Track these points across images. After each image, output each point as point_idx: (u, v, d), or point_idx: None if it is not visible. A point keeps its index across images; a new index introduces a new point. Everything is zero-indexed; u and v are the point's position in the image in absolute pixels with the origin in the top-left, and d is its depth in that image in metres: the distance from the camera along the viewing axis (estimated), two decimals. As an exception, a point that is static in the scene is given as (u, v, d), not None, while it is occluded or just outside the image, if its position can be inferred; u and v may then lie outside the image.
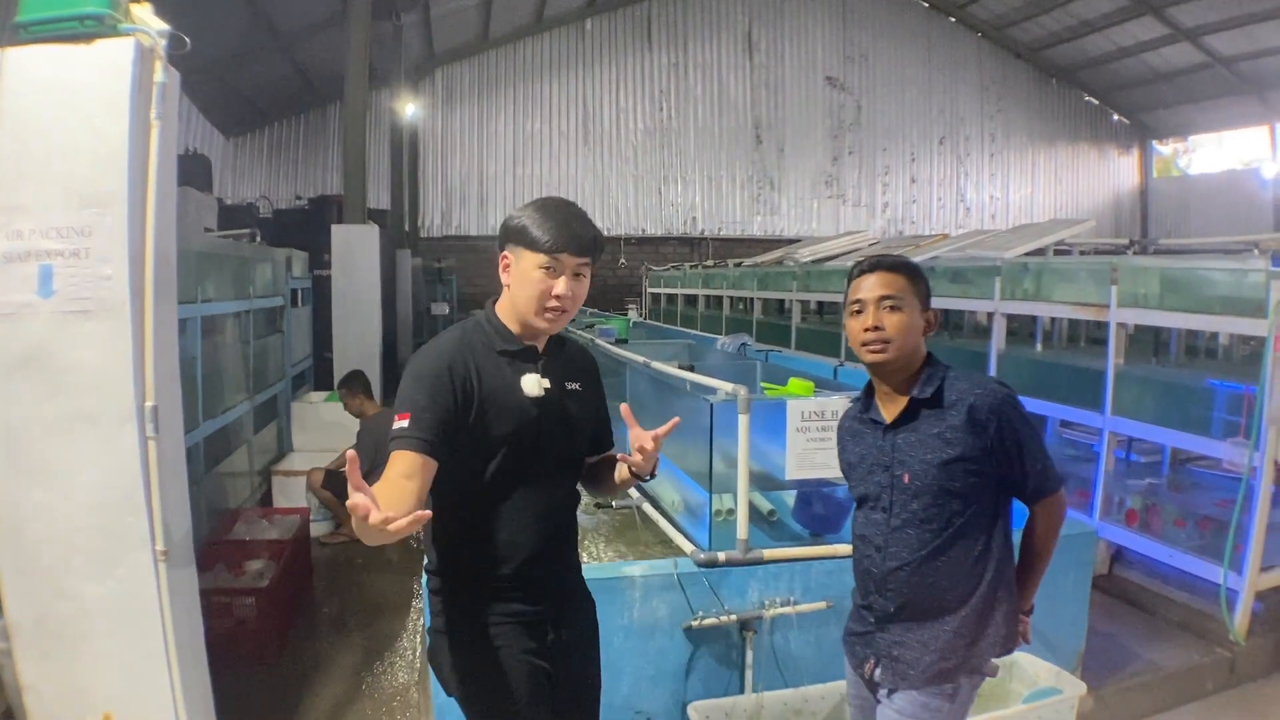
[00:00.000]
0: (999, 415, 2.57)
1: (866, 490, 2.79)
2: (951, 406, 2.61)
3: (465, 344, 2.52)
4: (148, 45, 2.98)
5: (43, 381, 2.95)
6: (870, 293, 2.68)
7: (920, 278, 2.73)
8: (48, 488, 2.99)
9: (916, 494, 2.63)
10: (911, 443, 2.66)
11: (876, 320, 2.65)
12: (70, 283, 2.93)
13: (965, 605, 2.63)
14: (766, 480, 4.31)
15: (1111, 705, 4.66)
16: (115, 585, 3.02)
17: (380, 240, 10.51)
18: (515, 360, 2.54)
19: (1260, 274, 5.00)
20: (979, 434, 2.57)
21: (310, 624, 5.94)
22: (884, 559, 2.71)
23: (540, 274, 2.45)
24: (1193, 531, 5.74)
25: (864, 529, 2.81)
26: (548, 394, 2.53)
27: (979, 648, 2.65)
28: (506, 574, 2.53)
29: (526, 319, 2.51)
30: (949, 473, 2.59)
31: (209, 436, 6.37)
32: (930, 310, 2.75)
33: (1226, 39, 20.33)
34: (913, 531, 2.66)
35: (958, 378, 2.67)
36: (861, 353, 2.72)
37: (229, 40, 14.21)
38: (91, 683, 3.06)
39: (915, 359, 2.70)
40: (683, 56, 23.70)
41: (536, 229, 2.44)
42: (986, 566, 2.65)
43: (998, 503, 2.68)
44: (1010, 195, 25.95)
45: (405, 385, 2.44)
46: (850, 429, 2.93)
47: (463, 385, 2.42)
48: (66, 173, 2.91)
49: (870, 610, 2.79)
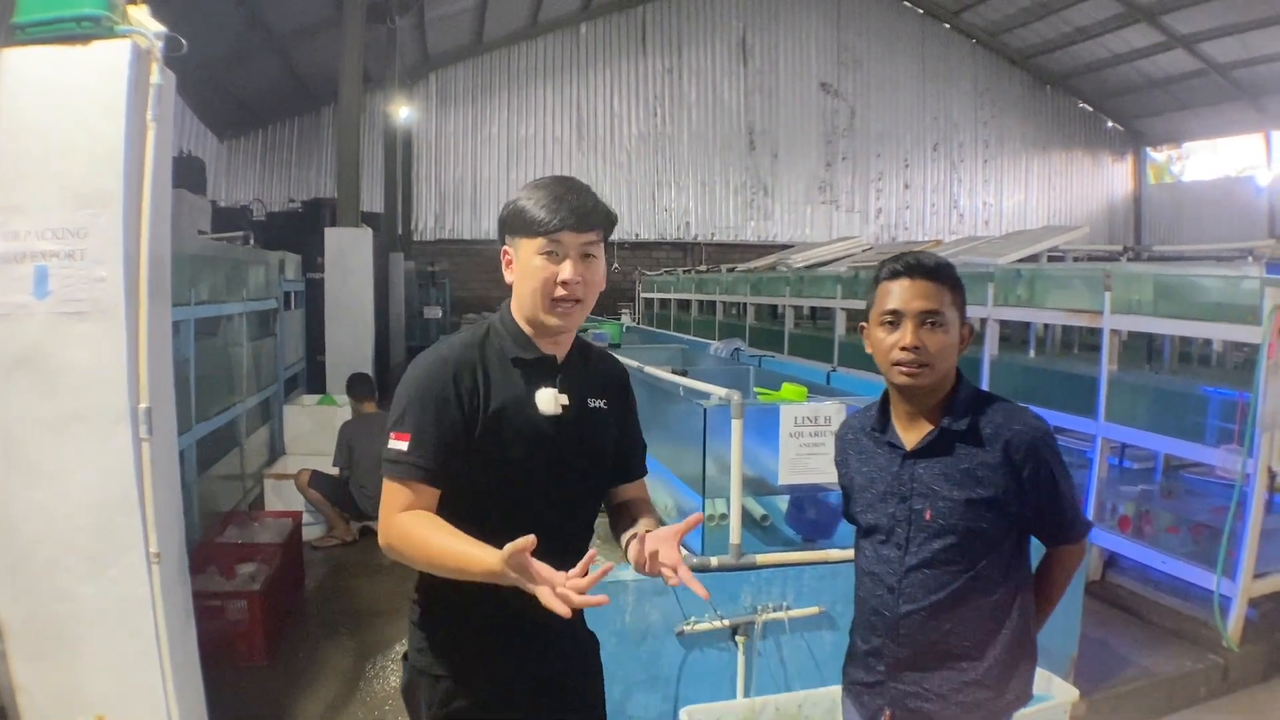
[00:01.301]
0: (1035, 456, 2.30)
1: (876, 520, 2.46)
2: (987, 441, 2.32)
3: (475, 350, 2.20)
4: (144, 47, 2.98)
5: (37, 382, 2.95)
6: (910, 304, 2.33)
7: (960, 286, 2.42)
8: (41, 488, 2.98)
9: (938, 533, 2.34)
10: (935, 475, 2.35)
11: (916, 340, 2.31)
12: (65, 284, 2.92)
13: (985, 654, 2.36)
14: (759, 485, 4.31)
15: (1104, 712, 4.66)
16: (108, 586, 3.02)
17: (373, 243, 10.52)
18: (531, 372, 2.21)
19: (1254, 281, 5.02)
20: (1012, 474, 2.30)
21: (302, 627, 5.93)
22: (897, 601, 2.40)
23: (541, 260, 2.13)
24: (1185, 538, 5.75)
25: (874, 565, 2.48)
26: (566, 412, 2.20)
27: (1004, 700, 2.41)
28: (503, 618, 2.19)
29: (535, 317, 2.18)
30: (976, 513, 2.31)
31: (202, 439, 6.36)
32: (966, 324, 2.43)
33: (1222, 46, 20.45)
34: (930, 572, 2.35)
35: (992, 406, 2.37)
36: (891, 372, 2.37)
37: (224, 43, 14.21)
38: (84, 684, 3.05)
39: (948, 381, 2.40)
40: (677, 62, 23.79)
41: (531, 211, 2.13)
42: (1010, 612, 2.38)
43: (1020, 545, 2.43)
44: (1004, 202, 26.08)
45: (405, 397, 2.15)
46: (858, 444, 2.57)
47: (469, 399, 2.13)
48: (63, 173, 2.91)
49: (879, 657, 2.46)
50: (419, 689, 2.29)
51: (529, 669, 2.27)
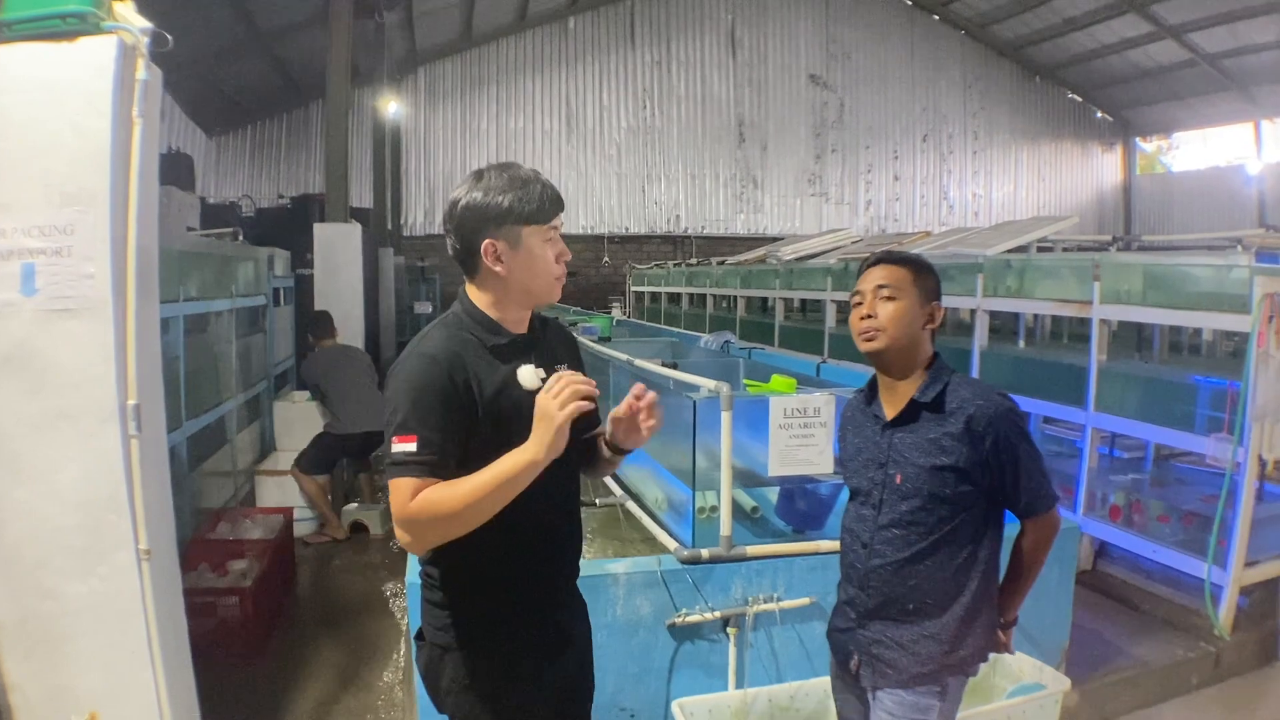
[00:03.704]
0: (996, 429, 2.54)
1: (859, 484, 2.78)
2: (951, 414, 2.58)
3: (456, 345, 2.29)
4: (130, 43, 2.96)
5: (25, 380, 2.94)
6: (869, 283, 2.68)
7: (927, 272, 2.71)
8: (29, 486, 2.97)
9: (906, 495, 2.62)
10: (908, 444, 2.64)
11: (870, 309, 2.65)
12: (53, 281, 2.91)
13: (945, 612, 2.62)
14: (749, 477, 4.32)
15: (1096, 701, 4.69)
16: (98, 584, 3.01)
17: (362, 239, 10.49)
18: (507, 353, 2.34)
19: (1243, 270, 5.04)
20: (974, 445, 2.55)
21: (294, 623, 5.94)
22: (869, 555, 2.70)
23: (545, 246, 2.32)
24: (1176, 527, 5.77)
25: (853, 523, 2.81)
26: (545, 383, 2.24)
27: (956, 655, 2.63)
28: (518, 578, 2.39)
29: (542, 294, 2.36)
30: (940, 479, 2.57)
31: (192, 436, 6.36)
32: (935, 304, 2.71)
33: (1211, 36, 20.46)
34: (899, 531, 2.64)
35: (961, 384, 2.64)
36: (858, 341, 2.71)
37: (212, 39, 14.17)
38: (76, 682, 3.05)
39: (915, 353, 2.68)
40: (666, 54, 23.74)
41: (524, 203, 2.27)
42: (970, 575, 2.63)
43: (989, 514, 2.67)
44: (993, 193, 26.09)
45: (404, 400, 2.19)
46: (853, 419, 2.92)
47: (466, 393, 2.23)
48: (49, 170, 2.90)
49: (852, 606, 2.78)
50: (443, 665, 2.41)
51: (544, 630, 2.46)
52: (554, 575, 2.51)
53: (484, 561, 2.33)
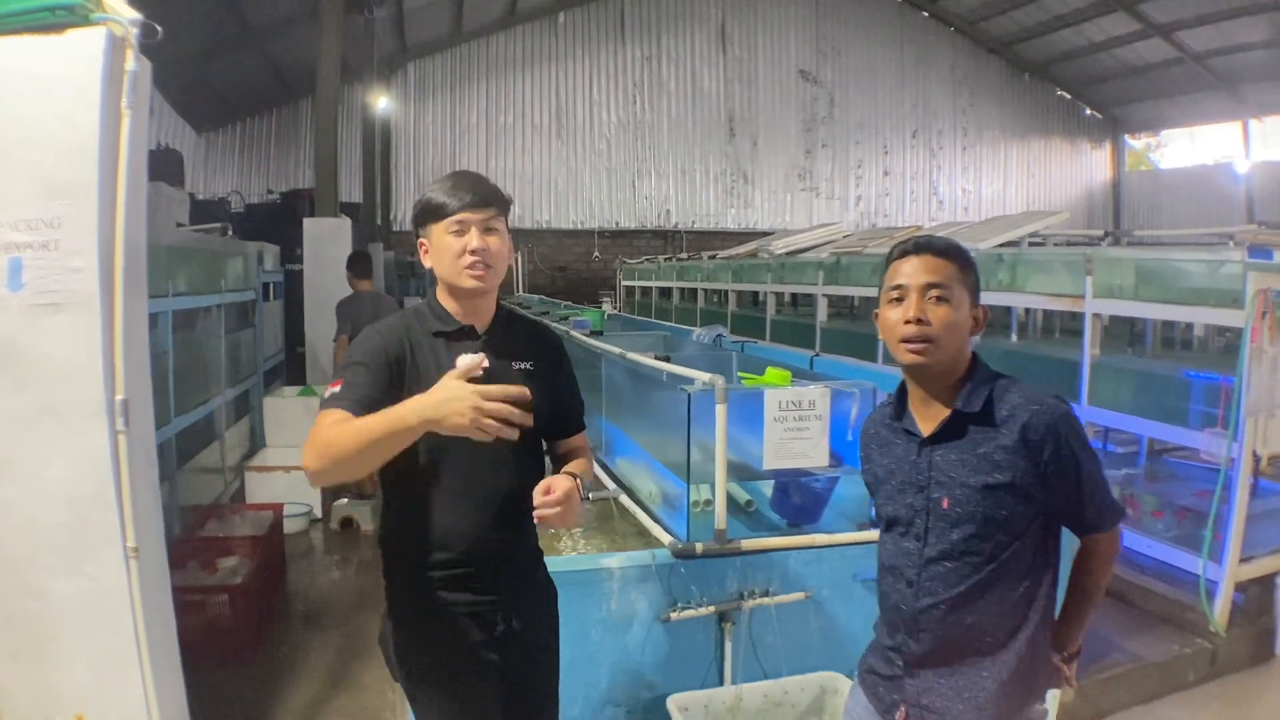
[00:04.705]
0: (1055, 436, 2.19)
1: (896, 511, 2.40)
2: (1003, 423, 2.23)
3: (404, 327, 2.56)
4: (119, 34, 2.92)
5: (10, 375, 2.90)
6: (914, 278, 2.28)
7: (971, 266, 2.34)
8: (14, 483, 2.93)
9: (956, 522, 2.26)
10: (952, 462, 2.28)
11: (920, 311, 2.25)
12: (39, 275, 2.87)
13: (1007, 650, 2.26)
14: (743, 470, 4.28)
15: (1092, 697, 4.68)
16: (85, 583, 2.97)
17: (352, 234, 10.45)
18: (451, 341, 2.54)
19: (1237, 265, 5.04)
20: (1032, 458, 2.20)
21: (284, 621, 5.90)
22: (916, 595, 2.32)
23: (450, 238, 2.49)
24: (1170, 522, 5.77)
25: (893, 559, 2.41)
26: (489, 373, 2.31)
27: (1017, 698, 2.29)
28: (447, 560, 2.52)
29: (454, 283, 2.52)
30: (995, 499, 2.21)
31: (181, 432, 6.31)
32: (980, 306, 2.36)
33: (1198, 35, 20.54)
34: (950, 564, 2.27)
35: (1009, 388, 2.29)
36: (899, 350, 2.31)
37: (201, 34, 14.12)
38: (62, 683, 3.01)
39: (959, 362, 2.32)
40: (656, 49, 23.73)
41: (436, 200, 2.50)
42: (1032, 607, 2.28)
43: (1047, 536, 2.31)
44: (983, 188, 26.15)
45: (346, 359, 2.49)
46: (878, 437, 2.52)
47: (396, 365, 2.46)
48: (36, 163, 2.86)
49: (898, 652, 2.39)
50: (387, 637, 2.65)
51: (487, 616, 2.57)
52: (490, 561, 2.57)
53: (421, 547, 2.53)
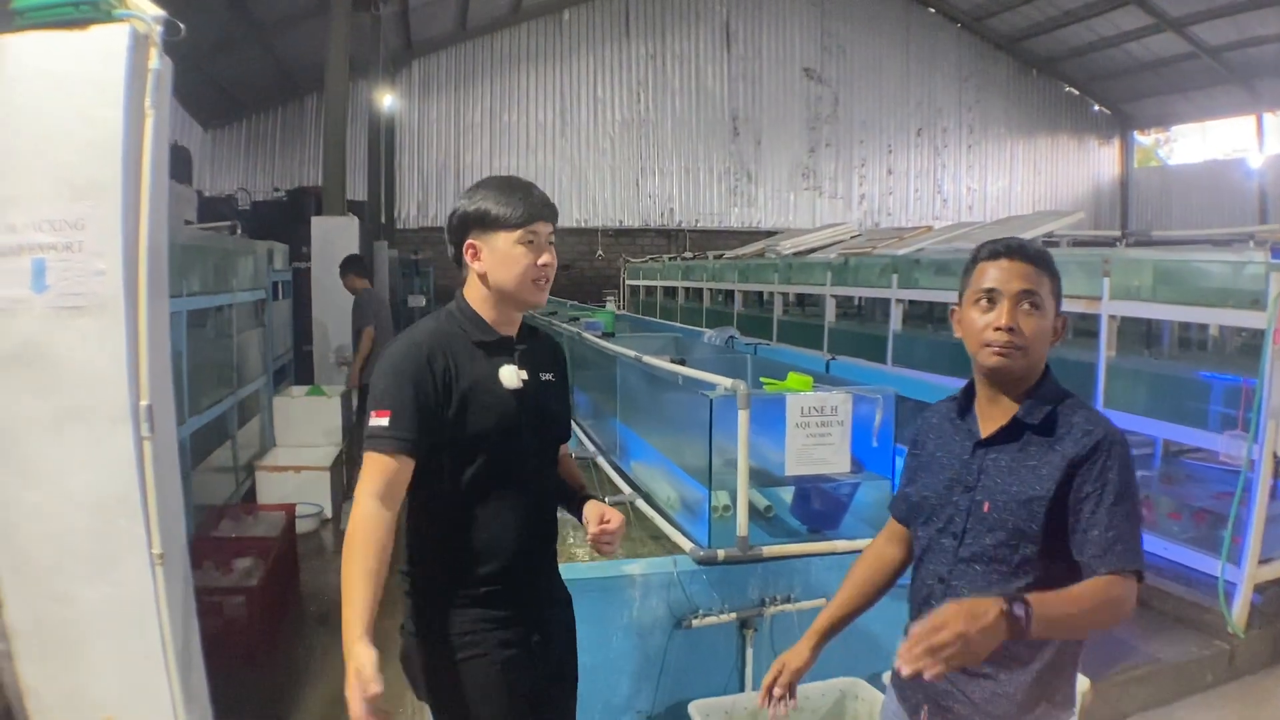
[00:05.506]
0: (1094, 454, 2.13)
1: (936, 504, 2.36)
2: (1059, 440, 2.18)
3: (442, 335, 2.46)
4: (143, 31, 2.90)
5: (35, 379, 2.88)
6: (1008, 284, 2.23)
7: (1057, 275, 2.29)
8: (40, 489, 2.91)
9: (992, 527, 2.21)
10: (1001, 468, 2.24)
11: (1012, 320, 2.20)
12: (63, 277, 2.85)
13: (1025, 668, 2.21)
14: (763, 476, 4.27)
15: (1110, 698, 4.66)
16: (111, 590, 2.96)
17: (358, 232, 10.44)
18: (492, 351, 2.49)
19: (1260, 266, 4.99)
20: (1074, 474, 2.13)
21: (299, 622, 5.89)
22: (945, 591, 2.28)
23: (522, 250, 2.43)
24: (1188, 524, 5.74)
25: (929, 553, 2.39)
26: (525, 385, 2.47)
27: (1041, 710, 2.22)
28: (488, 575, 2.47)
29: (519, 295, 2.47)
30: (1029, 512, 2.16)
31: (194, 433, 6.29)
32: (1062, 316, 2.31)
33: (1213, 28, 20.37)
34: (980, 568, 2.24)
35: (1076, 408, 2.24)
36: (982, 353, 2.26)
37: (209, 31, 14.08)
38: (91, 686, 3.00)
39: (1035, 371, 2.28)
40: (660, 48, 23.71)
41: (503, 208, 2.42)
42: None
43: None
44: (988, 186, 26.11)
45: (383, 379, 2.37)
46: (939, 429, 2.49)
47: (443, 378, 2.37)
48: (60, 163, 2.83)
49: None
50: (413, 654, 2.60)
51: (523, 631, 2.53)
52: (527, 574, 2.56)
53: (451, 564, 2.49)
